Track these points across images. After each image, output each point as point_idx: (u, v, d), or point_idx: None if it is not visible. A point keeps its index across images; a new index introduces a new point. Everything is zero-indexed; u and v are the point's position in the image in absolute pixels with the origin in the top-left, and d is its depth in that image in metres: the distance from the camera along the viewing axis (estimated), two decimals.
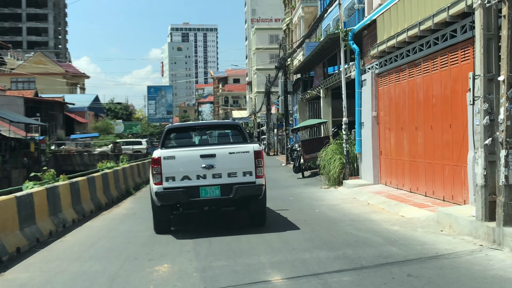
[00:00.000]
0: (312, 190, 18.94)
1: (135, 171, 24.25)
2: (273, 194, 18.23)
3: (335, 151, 19.73)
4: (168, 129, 12.48)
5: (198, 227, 12.14)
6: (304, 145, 24.11)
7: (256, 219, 11.78)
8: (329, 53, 25.41)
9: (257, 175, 10.96)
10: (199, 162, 10.73)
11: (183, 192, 10.71)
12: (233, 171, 10.84)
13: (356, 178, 19.07)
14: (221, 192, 10.79)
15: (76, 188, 14.61)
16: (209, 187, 10.77)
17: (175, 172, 10.74)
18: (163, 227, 11.55)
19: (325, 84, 26.21)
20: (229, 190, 10.77)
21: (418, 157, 14.43)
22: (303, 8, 58.04)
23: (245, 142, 11.85)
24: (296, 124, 36.17)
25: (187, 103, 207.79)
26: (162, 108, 56.40)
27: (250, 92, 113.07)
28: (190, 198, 10.76)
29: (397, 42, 14.83)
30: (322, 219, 12.38)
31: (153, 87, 58.47)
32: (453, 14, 11.50)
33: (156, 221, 11.56)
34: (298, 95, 36.01)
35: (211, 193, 10.80)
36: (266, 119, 58.75)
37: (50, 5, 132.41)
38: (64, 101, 66.72)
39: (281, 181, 23.41)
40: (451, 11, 11.50)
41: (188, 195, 10.73)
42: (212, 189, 10.78)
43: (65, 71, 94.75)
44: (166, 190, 10.74)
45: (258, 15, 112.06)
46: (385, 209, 13.25)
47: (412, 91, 14.73)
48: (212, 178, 10.77)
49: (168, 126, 13.18)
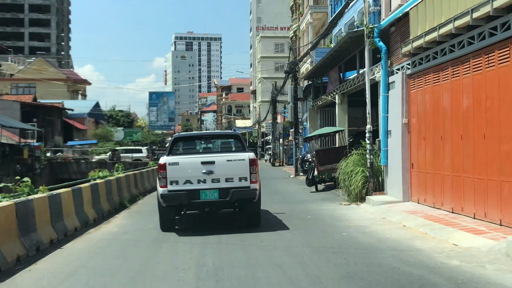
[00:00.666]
0: (330, 207, 16.60)
1: (132, 181, 21.94)
2: (286, 210, 15.97)
3: (357, 163, 17.41)
4: (175, 138, 13.73)
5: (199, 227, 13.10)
6: (318, 156, 21.81)
7: (252, 220, 12.91)
8: (347, 55, 23.16)
9: (252, 181, 12.12)
10: (200, 168, 12.04)
11: (185, 194, 12.02)
12: (230, 177, 12.07)
13: (381, 194, 16.74)
14: (219, 195, 12.06)
15: (57, 202, 12.31)
16: (208, 191, 12.06)
17: (179, 177, 12.04)
18: (168, 226, 12.79)
19: (342, 90, 23.94)
20: (226, 193, 12.03)
21: (464, 171, 12.10)
22: (312, 14, 56.09)
23: (244, 151, 12.90)
24: (306, 133, 33.86)
25: (190, 112, 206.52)
26: (164, 115, 53.72)
27: (254, 101, 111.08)
28: (192, 200, 12.09)
29: (439, 35, 12.54)
30: (355, 246, 10.04)
31: (155, 93, 55.88)
32: None
33: (162, 220, 12.76)
34: (308, 102, 33.73)
35: (210, 196, 12.08)
36: (271, 128, 56.41)
37: (53, 11, 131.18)
38: (63, 107, 64.53)
39: (293, 195, 21.09)
40: None
41: (190, 197, 12.04)
42: (211, 192, 12.07)
43: (67, 77, 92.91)
44: (170, 193, 12.06)
45: (263, 23, 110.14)
46: (429, 234, 10.91)
47: (457, 94, 12.43)
48: (211, 183, 12.06)
49: (175, 135, 14.49)
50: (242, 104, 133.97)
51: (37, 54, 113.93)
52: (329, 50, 24.97)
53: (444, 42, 12.81)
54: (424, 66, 14.21)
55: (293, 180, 30.29)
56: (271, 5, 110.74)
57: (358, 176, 16.93)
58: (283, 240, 10.90)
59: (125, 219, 15.71)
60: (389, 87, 16.58)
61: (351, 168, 17.36)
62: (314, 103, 31.69)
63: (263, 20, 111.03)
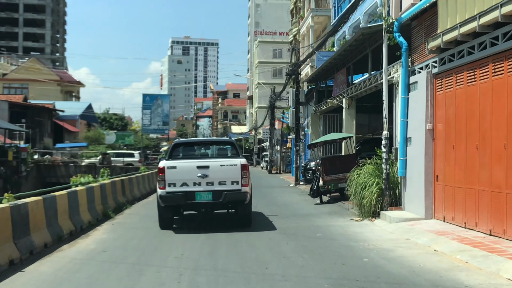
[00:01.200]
0: (341, 223, 14.63)
1: (118, 188, 19.93)
2: (291, 225, 14.07)
3: (371, 173, 15.45)
4: (175, 144, 14.77)
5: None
6: (324, 164, 19.84)
7: (243, 220, 13.76)
8: (357, 54, 21.29)
9: (243, 184, 13.00)
10: (196, 172, 12.99)
11: (181, 195, 12.99)
12: (223, 180, 13.00)
13: (397, 209, 14.79)
14: (213, 196, 12.97)
15: (22, 214, 10.32)
16: (203, 192, 13.01)
17: (176, 179, 13.00)
18: (166, 224, 13.66)
19: (350, 93, 22.04)
20: (219, 195, 12.95)
21: (508, 187, 10.16)
22: (313, 18, 54.39)
23: (237, 157, 13.74)
24: (308, 139, 31.90)
25: (185, 117, 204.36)
26: (157, 118, 51.22)
27: (250, 106, 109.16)
28: (188, 201, 13.04)
29: (480, 25, 10.64)
30: (384, 278, 8.05)
31: (148, 96, 53.29)
32: None
33: (161, 219, 13.66)
34: (310, 107, 31.80)
35: (204, 197, 13.02)
36: (269, 135, 54.47)
37: (48, 11, 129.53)
38: (53, 108, 62.41)
39: (296, 207, 19.10)
40: None
41: (186, 198, 13.00)
42: (205, 194, 13.00)
43: (60, 78, 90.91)
44: (168, 194, 13.02)
45: (262, 28, 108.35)
46: (471, 263, 8.94)
47: (500, 95, 10.49)
48: (205, 185, 12.99)
49: (175, 141, 15.67)
50: (238, 110, 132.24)
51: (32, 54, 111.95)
52: (338, 50, 23.12)
53: (484, 34, 10.88)
54: (455, 63, 12.28)
55: (293, 189, 28.31)
56: (270, 10, 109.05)
57: (373, 188, 14.98)
58: (293, 268, 8.92)
59: (107, 232, 13.70)
60: (409, 88, 14.65)
61: (364, 179, 15.40)
62: (317, 108, 29.76)
63: (262, 25, 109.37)
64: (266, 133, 60.72)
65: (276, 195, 24.43)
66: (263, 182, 34.73)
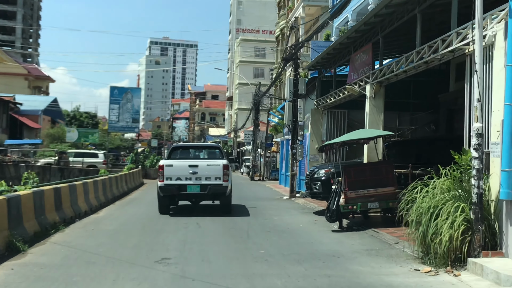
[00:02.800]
0: (402, 278, 8.53)
1: (49, 200, 13.61)
2: (318, 284, 7.92)
3: (448, 194, 9.38)
4: (173, 147, 19.25)
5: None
6: (348, 175, 13.72)
7: (224, 209, 17.52)
8: (386, 26, 15.36)
9: (224, 180, 16.75)
10: (188, 169, 16.75)
11: (176, 187, 16.77)
12: (208, 176, 16.77)
13: (496, 254, 8.78)
14: (200, 189, 16.78)
15: None
16: (192, 185, 16.76)
17: (172, 175, 16.77)
18: (164, 210, 17.23)
19: (377, 77, 16.06)
20: (205, 188, 16.77)
21: None
22: (304, 8, 48.72)
23: (222, 159, 17.54)
24: (306, 141, 25.79)
25: (161, 118, 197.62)
26: (126, 114, 44.06)
27: (230, 108, 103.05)
28: (180, 192, 16.83)
29: None
30: None
31: (117, 89, 46.01)
32: None
33: (160, 206, 17.26)
34: (311, 101, 25.69)
35: (193, 189, 16.80)
36: (251, 137, 48.29)
37: (19, 3, 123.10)
38: (10, 100, 55.47)
39: (308, 238, 12.82)
40: None
41: (179, 189, 16.78)
42: (194, 187, 16.78)
43: (28, 72, 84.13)
44: (165, 185, 16.76)
45: (244, 26, 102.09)
46: None
47: None
48: (195, 180, 16.75)
49: (174, 145, 21.30)
50: (216, 112, 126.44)
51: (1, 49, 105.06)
52: (359, 22, 17.05)
53: None
54: None
55: (290, 204, 22.15)
56: (253, 7, 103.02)
57: (455, 218, 8.91)
58: None
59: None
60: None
61: (435, 202, 9.32)
62: (319, 102, 23.65)
63: (244, 23, 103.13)
64: (248, 135, 54.29)
65: (270, 213, 18.27)
66: (248, 192, 28.56)
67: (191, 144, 26.55)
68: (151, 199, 20.22)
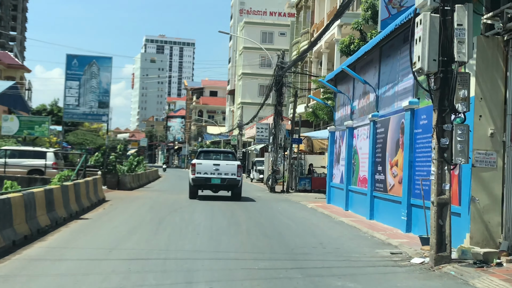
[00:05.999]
0: None
1: None
2: None
3: None
4: (200, 151, 26.18)
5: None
6: None
7: (236, 198, 24.06)
8: None
9: (237, 176, 23.28)
10: (212, 167, 23.32)
11: (204, 179, 23.22)
12: (226, 172, 23.21)
13: None
14: (220, 181, 23.20)
15: None
16: (215, 178, 23.16)
17: (201, 170, 23.22)
18: (194, 196, 23.76)
19: None
20: (224, 180, 23.18)
21: None
22: None
23: (235, 160, 24.86)
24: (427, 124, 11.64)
25: (155, 118, 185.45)
26: (90, 95, 28.66)
27: (232, 103, 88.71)
28: (206, 183, 23.32)
29: None
30: None
31: (76, 58, 30.68)
32: None
33: (190, 193, 23.89)
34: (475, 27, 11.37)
35: (216, 181, 23.20)
36: (272, 130, 33.83)
37: None
38: None
39: None
40: None
41: (206, 180, 23.24)
42: (217, 179, 23.16)
43: None
44: (196, 177, 23.24)
45: (248, 7, 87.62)
46: None
47: None
48: (217, 174, 23.16)
49: (200, 149, 30.14)
50: (215, 110, 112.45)
51: None
52: None
53: None
54: None
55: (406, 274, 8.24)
56: None
57: None
58: None
59: None
60: None
61: None
62: (501, 20, 9.51)
63: (248, 4, 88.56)
64: (261, 130, 39.09)
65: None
66: (293, 236, 14.64)
67: (213, 149, 33.65)
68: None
